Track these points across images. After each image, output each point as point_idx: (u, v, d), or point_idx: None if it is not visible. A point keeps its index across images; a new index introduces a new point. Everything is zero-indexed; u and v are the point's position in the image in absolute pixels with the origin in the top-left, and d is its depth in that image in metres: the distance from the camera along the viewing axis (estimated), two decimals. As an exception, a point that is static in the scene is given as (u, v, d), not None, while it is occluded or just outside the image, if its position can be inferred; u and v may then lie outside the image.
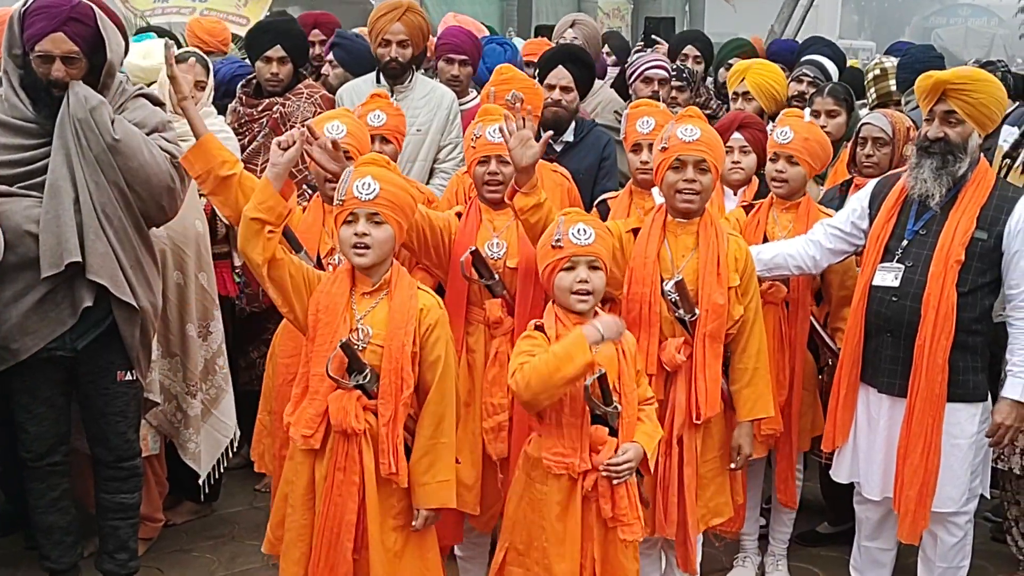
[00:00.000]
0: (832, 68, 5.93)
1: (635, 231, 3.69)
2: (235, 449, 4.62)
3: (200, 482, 4.48)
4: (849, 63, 7.19)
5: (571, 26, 6.61)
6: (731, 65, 6.12)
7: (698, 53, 6.69)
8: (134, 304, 3.77)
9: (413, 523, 3.24)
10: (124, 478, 3.99)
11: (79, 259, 3.64)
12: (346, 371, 3.14)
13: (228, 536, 4.69)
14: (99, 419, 3.91)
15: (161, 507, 4.57)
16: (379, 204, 3.13)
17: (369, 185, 3.12)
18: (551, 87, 4.76)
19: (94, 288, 3.71)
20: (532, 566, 3.28)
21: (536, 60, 5.30)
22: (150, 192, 3.76)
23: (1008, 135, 4.71)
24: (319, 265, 3.66)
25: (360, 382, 3.14)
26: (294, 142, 3.22)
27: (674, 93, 5.87)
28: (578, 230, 3.22)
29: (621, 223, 3.77)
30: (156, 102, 3.95)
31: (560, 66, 4.82)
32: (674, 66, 6.06)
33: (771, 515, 4.54)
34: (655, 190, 3.85)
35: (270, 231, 3.13)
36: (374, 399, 3.15)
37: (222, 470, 4.84)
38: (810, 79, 5.66)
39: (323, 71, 5.99)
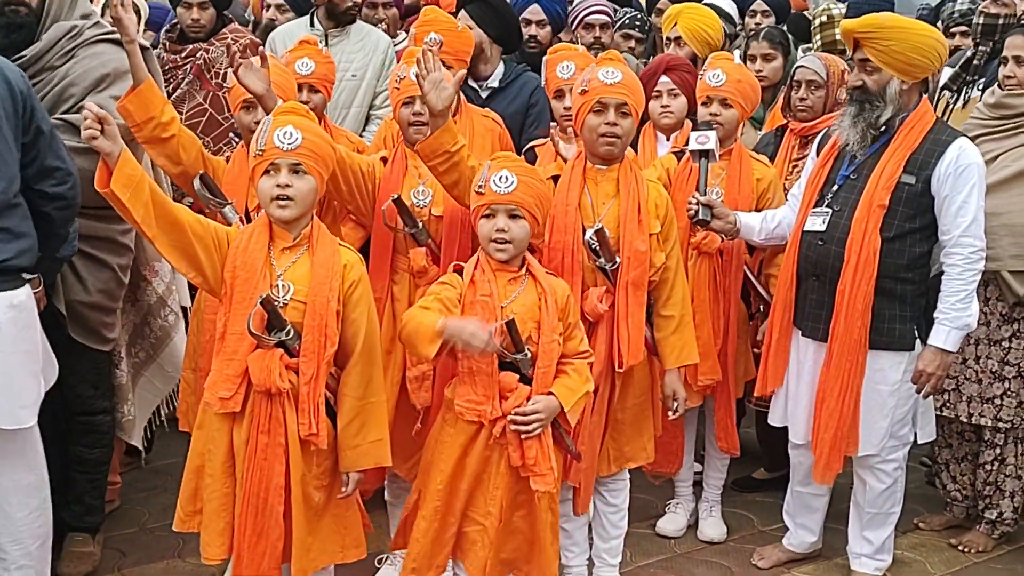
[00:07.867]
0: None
1: (555, 178, 3.63)
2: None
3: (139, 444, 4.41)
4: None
5: None
6: (662, 11, 5.96)
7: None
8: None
9: (343, 488, 3.15)
10: (82, 432, 3.97)
11: None
12: (265, 329, 3.03)
13: (160, 488, 4.65)
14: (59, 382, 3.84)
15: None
16: (302, 154, 3.03)
17: (291, 135, 3.01)
18: None
19: None
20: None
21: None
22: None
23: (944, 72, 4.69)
24: (248, 219, 3.55)
25: (282, 339, 3.03)
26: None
27: (632, 43, 5.70)
28: (500, 178, 3.17)
29: (541, 170, 3.70)
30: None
31: (462, 10, 4.68)
32: (635, 14, 5.88)
33: (705, 461, 4.54)
34: (561, 144, 3.77)
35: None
36: (295, 357, 3.04)
37: (157, 423, 4.81)
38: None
39: (269, 15, 5.79)
